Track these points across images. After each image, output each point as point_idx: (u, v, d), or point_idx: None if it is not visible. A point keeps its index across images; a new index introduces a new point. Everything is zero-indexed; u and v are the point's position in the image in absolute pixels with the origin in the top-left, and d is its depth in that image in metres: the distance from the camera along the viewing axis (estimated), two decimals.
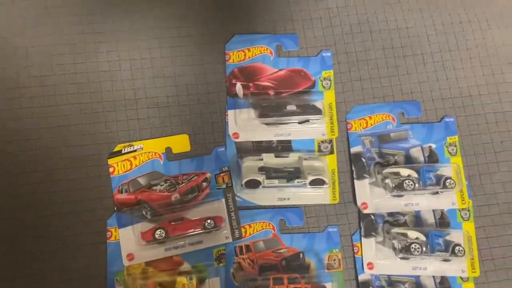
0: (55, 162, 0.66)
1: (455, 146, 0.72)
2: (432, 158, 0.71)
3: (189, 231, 0.62)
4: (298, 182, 0.65)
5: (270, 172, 0.66)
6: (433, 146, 0.71)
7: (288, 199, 0.70)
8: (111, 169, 0.66)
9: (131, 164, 0.67)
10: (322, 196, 0.70)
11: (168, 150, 0.69)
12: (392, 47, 0.76)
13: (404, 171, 0.67)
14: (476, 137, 0.73)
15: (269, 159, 0.69)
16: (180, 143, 0.69)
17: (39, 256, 0.63)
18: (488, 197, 0.70)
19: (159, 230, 0.61)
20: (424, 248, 0.64)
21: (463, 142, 0.72)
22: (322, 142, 0.72)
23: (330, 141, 0.72)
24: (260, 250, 0.67)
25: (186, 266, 0.63)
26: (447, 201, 0.69)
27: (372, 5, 0.77)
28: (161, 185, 0.67)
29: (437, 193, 0.68)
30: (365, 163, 0.70)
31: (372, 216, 0.69)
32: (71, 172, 0.66)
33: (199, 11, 0.75)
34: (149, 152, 0.68)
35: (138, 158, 0.67)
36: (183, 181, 0.68)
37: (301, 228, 0.69)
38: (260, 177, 0.66)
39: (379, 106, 0.73)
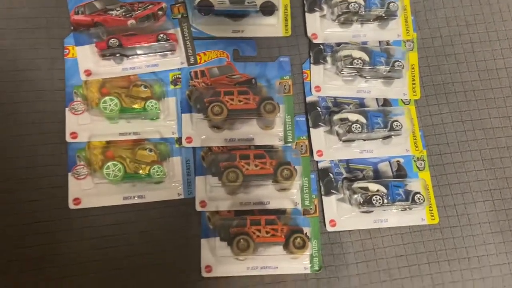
0: None
1: None
2: None
3: (143, 42, 0.64)
4: (248, 3, 0.68)
5: None
6: None
7: (242, 31, 0.73)
8: None
9: None
10: (274, 29, 0.73)
11: None
12: None
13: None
14: None
15: None
16: None
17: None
18: (431, 31, 0.75)
19: (113, 39, 0.63)
20: (367, 67, 0.68)
21: None
22: None
23: None
24: (215, 75, 0.71)
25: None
26: (393, 32, 0.73)
27: None
28: (117, 10, 0.69)
29: (383, 19, 0.71)
30: None
31: (322, 46, 0.72)
32: None
33: None
34: None
35: None
36: (139, 8, 0.70)
37: (254, 58, 0.72)
38: None
39: None
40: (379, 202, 0.63)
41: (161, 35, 0.65)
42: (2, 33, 0.65)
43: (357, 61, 0.67)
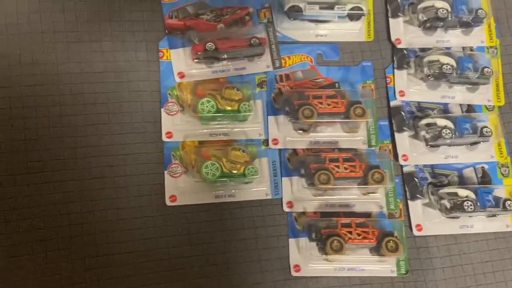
0: None
1: None
2: None
3: (236, 46, 0.67)
4: (338, 8, 0.69)
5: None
6: None
7: (326, 35, 0.74)
8: None
9: None
10: (357, 33, 0.74)
11: None
12: None
13: (439, 3, 0.71)
14: None
15: None
16: None
17: (97, 69, 0.67)
18: None
19: (209, 43, 0.66)
20: (454, 73, 0.68)
21: None
22: None
23: None
24: (299, 79, 0.72)
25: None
26: (477, 39, 0.73)
27: None
28: (207, 15, 0.71)
29: (468, 26, 0.71)
30: (400, 3, 0.74)
31: (405, 51, 0.73)
32: None
33: None
34: None
35: None
36: (228, 13, 0.72)
37: (337, 62, 0.73)
38: (302, 3, 0.69)
39: None
40: (471, 208, 0.63)
41: (254, 39, 0.67)
42: (103, 35, 0.67)
43: (446, 66, 0.68)
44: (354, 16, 0.71)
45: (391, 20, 0.74)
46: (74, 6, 0.68)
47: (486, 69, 0.69)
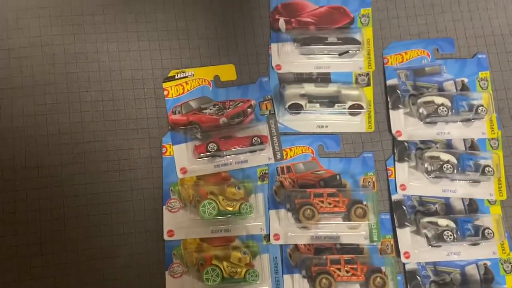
0: (115, 83, 0.72)
1: (487, 80, 0.75)
2: (464, 90, 0.75)
3: (238, 146, 0.68)
4: (338, 106, 0.70)
5: (311, 97, 0.71)
6: (466, 80, 0.75)
7: (327, 126, 0.75)
8: (165, 92, 0.72)
9: (183, 88, 0.72)
10: (358, 124, 0.75)
11: (217, 78, 0.74)
12: None
13: (438, 99, 0.71)
14: (507, 73, 0.76)
15: (309, 87, 0.74)
16: (227, 72, 0.74)
17: (101, 168, 0.69)
18: None
19: (211, 144, 0.67)
20: (455, 170, 0.69)
21: (494, 77, 0.76)
22: (359, 75, 0.76)
23: (367, 74, 0.76)
24: (300, 171, 0.73)
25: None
26: (477, 131, 0.73)
27: None
28: (210, 109, 0.72)
29: (468, 120, 0.72)
30: (400, 95, 0.75)
31: (406, 143, 0.73)
32: (130, 93, 0.72)
33: None
34: (199, 79, 0.73)
35: (190, 84, 0.73)
36: (230, 106, 0.73)
37: (338, 153, 0.74)
38: (303, 101, 0.71)
39: (415, 42, 0.77)
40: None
41: (255, 138, 0.68)
42: (107, 134, 0.69)
43: (446, 165, 0.68)
44: (354, 112, 0.72)
45: (391, 112, 0.74)
46: None
47: (487, 168, 0.69)
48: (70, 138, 0.69)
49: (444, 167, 0.68)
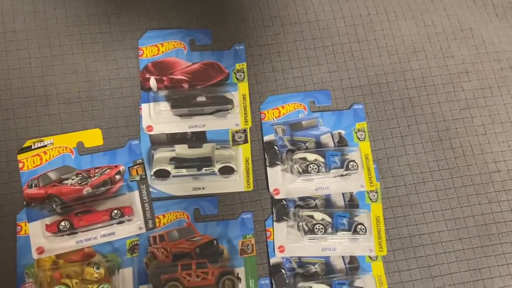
0: None
1: (364, 131, 0.75)
2: (342, 143, 0.73)
3: (96, 221, 0.63)
4: (206, 170, 0.67)
5: (179, 162, 0.68)
6: (343, 132, 0.74)
7: (203, 188, 0.71)
8: (20, 165, 0.67)
9: (41, 159, 0.67)
10: (236, 184, 0.72)
11: (80, 144, 0.69)
12: (303, 39, 0.79)
13: (311, 156, 0.70)
14: (384, 123, 0.76)
15: (182, 150, 0.70)
16: (92, 137, 0.70)
17: None
18: (395, 179, 0.73)
19: (63, 222, 0.62)
20: (329, 229, 0.67)
21: (371, 128, 0.75)
22: (236, 132, 0.73)
23: (244, 131, 0.74)
24: (174, 239, 0.69)
25: (98, 257, 0.63)
26: (356, 183, 0.72)
27: (283, 0, 0.81)
28: (72, 179, 0.67)
29: (344, 175, 0.70)
30: (277, 151, 0.73)
31: (284, 202, 0.71)
32: None
33: (109, 8, 0.76)
34: (59, 147, 0.68)
35: (49, 153, 0.68)
36: (95, 174, 0.68)
37: (216, 216, 0.70)
38: (169, 167, 0.67)
39: (291, 96, 0.76)
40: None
41: (115, 211, 0.64)
42: None
43: (318, 225, 0.66)
44: (226, 173, 0.69)
45: (269, 169, 0.72)
46: None
47: (359, 226, 0.67)
48: None
49: (316, 228, 0.66)
